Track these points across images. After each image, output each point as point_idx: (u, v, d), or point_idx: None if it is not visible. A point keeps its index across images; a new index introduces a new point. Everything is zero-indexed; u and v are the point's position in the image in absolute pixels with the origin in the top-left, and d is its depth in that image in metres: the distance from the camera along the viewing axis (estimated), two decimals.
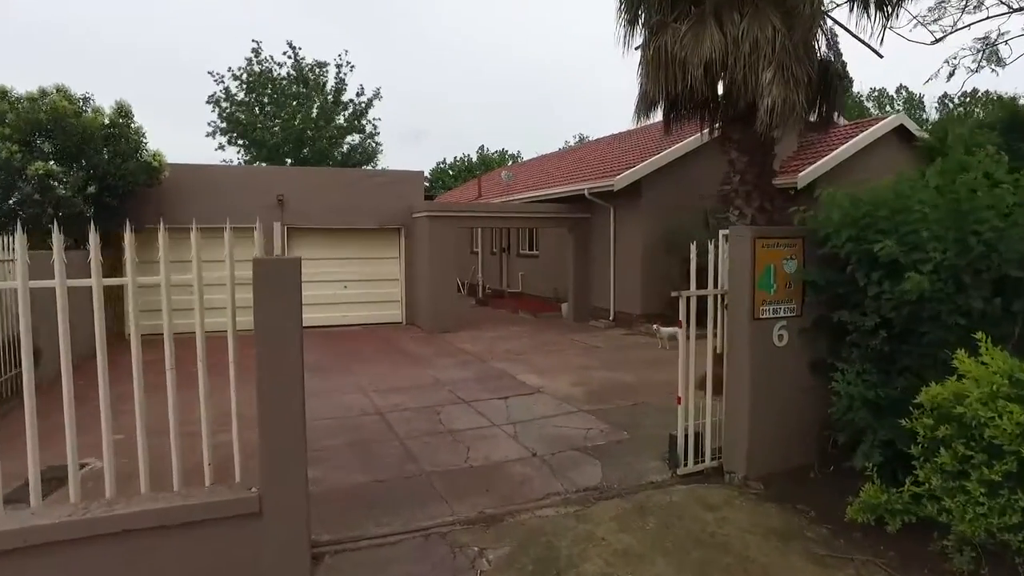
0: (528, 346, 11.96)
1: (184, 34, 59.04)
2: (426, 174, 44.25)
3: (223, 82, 30.67)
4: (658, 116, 8.34)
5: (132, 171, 11.33)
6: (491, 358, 10.79)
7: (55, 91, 11.35)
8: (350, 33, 68.87)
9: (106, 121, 11.44)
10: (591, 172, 15.60)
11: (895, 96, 42.40)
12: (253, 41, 32.45)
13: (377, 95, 32.04)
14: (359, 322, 14.83)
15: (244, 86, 31.09)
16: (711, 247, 5.39)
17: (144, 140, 12.02)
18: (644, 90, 7.28)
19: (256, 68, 31.16)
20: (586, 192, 14.07)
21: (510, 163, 33.74)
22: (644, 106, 7.68)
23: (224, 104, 30.89)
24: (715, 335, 5.47)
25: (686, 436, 5.40)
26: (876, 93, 42.16)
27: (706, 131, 8.73)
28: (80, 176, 10.40)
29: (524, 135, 78.87)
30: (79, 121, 10.84)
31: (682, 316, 5.28)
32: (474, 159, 45.99)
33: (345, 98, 32.43)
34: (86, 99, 11.70)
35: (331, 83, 32.11)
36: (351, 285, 14.82)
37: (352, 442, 6.44)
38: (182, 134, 53.77)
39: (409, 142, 67.60)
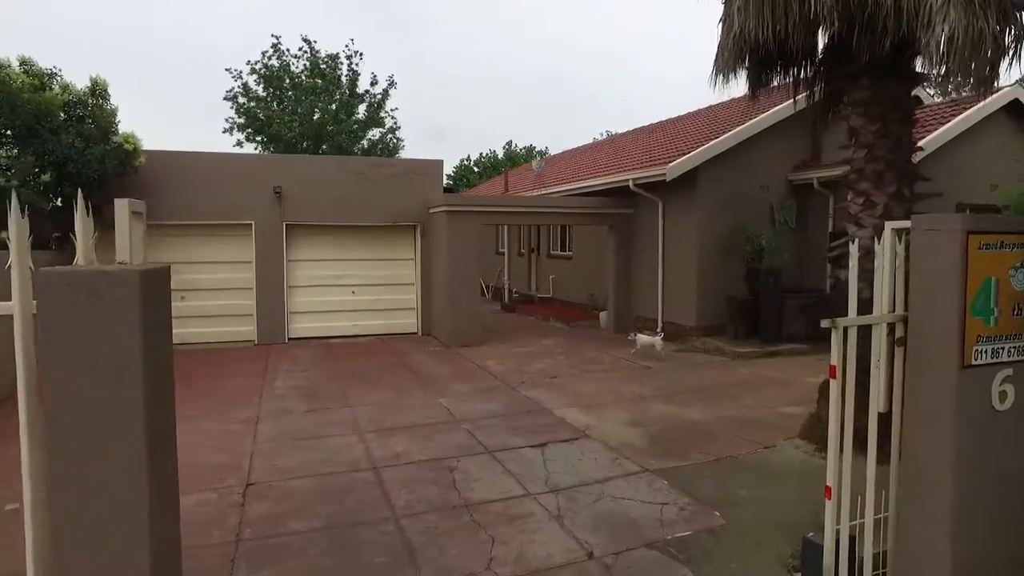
0: (565, 366, 10.00)
1: (196, 31, 58.05)
2: (449, 171, 42.54)
3: (241, 78, 29.61)
4: (741, 84, 6.36)
5: (99, 157, 9.62)
6: (520, 383, 8.86)
7: (18, 64, 9.74)
8: (365, 31, 67.42)
9: (71, 99, 9.78)
10: (635, 161, 13.58)
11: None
12: (272, 36, 31.14)
13: (392, 83, 30.54)
14: (369, 332, 13.00)
15: (262, 81, 29.85)
16: (877, 248, 3.40)
17: (116, 122, 10.34)
18: (738, 31, 5.24)
19: (275, 63, 29.96)
20: (631, 183, 12.07)
21: (539, 158, 31.75)
22: (733, 56, 5.67)
23: (242, 100, 29.73)
24: (881, 384, 3.46)
25: (837, 548, 3.41)
26: None
27: (800, 97, 6.72)
28: (30, 162, 8.70)
29: (549, 135, 76.50)
30: (35, 98, 9.17)
31: (835, 359, 3.28)
32: (500, 155, 44.04)
33: (360, 89, 31.05)
34: (52, 74, 10.05)
35: (345, 75, 30.71)
36: (360, 290, 13.00)
37: (329, 523, 4.55)
38: (198, 131, 53.00)
39: (431, 141, 65.94)
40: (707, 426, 6.75)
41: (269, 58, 29.98)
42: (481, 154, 44.56)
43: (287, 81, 30.15)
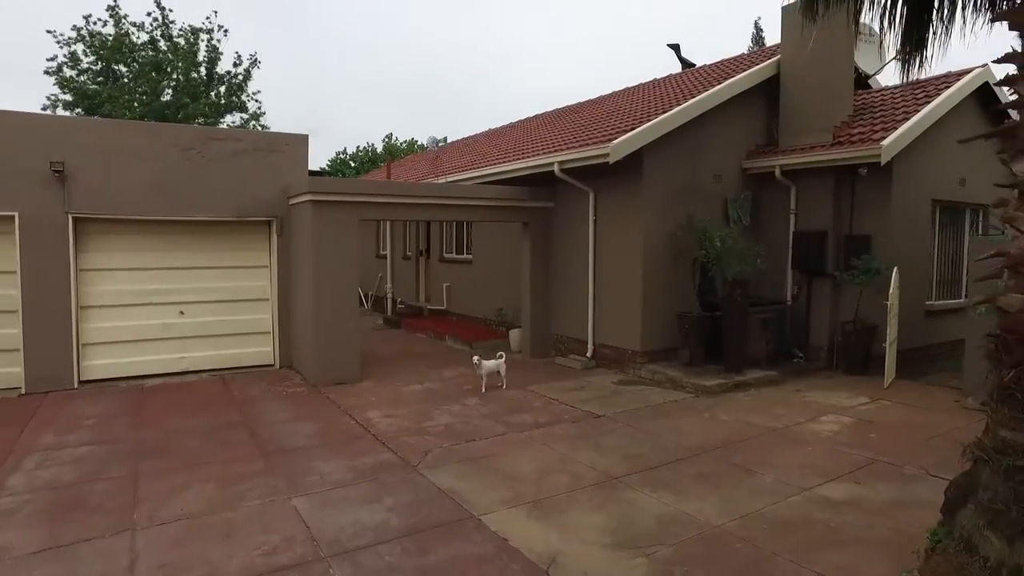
0: (481, 417, 7.17)
1: None
2: (324, 165, 38.26)
3: (68, 45, 24.20)
4: None
5: None
6: (423, 454, 5.92)
7: None
8: (237, 22, 60.78)
9: None
10: (556, 144, 10.96)
11: None
12: None
13: (255, 63, 26.46)
14: (205, 367, 9.46)
15: (93, 51, 24.55)
16: None
17: None
18: None
19: (111, 30, 24.77)
20: (556, 168, 9.45)
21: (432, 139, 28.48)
22: None
23: (69, 72, 24.33)
24: None
25: None
26: None
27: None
28: None
29: (430, 134, 72.39)
30: None
31: None
32: (379, 149, 40.21)
33: (221, 69, 26.62)
34: None
35: (203, 52, 26.15)
36: (191, 309, 9.43)
37: None
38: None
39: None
40: (741, 541, 4.16)
41: (104, 24, 24.82)
42: (358, 147, 40.58)
43: (126, 52, 25.03)
